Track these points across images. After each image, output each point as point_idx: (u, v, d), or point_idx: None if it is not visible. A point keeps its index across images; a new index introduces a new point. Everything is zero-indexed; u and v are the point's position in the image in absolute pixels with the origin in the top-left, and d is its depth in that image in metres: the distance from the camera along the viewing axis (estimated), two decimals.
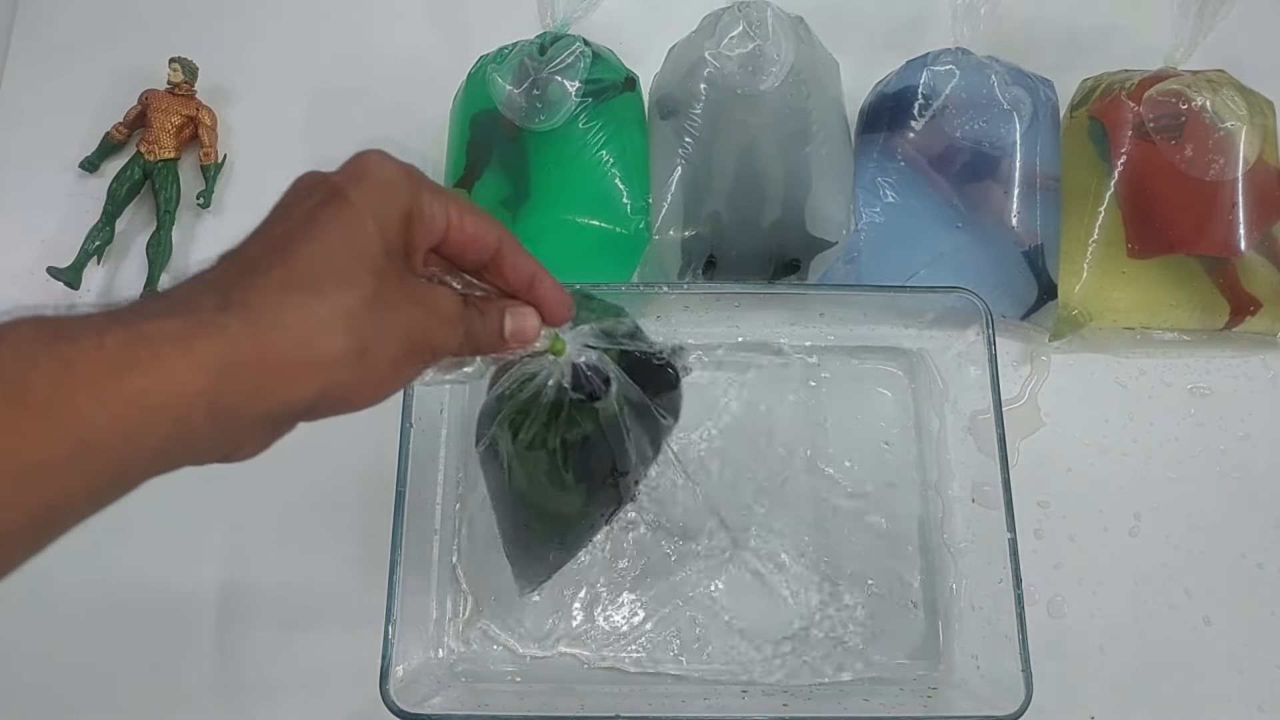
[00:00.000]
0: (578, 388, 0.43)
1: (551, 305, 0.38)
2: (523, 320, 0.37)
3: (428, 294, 0.32)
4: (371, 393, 0.31)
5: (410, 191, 0.32)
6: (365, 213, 0.30)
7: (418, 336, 0.31)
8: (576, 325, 0.42)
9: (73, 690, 0.57)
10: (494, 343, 0.36)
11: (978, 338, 0.57)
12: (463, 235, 0.34)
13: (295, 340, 0.28)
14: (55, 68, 0.72)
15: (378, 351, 0.30)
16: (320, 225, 0.30)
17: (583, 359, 0.42)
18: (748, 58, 0.59)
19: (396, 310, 0.30)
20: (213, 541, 0.60)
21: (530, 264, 0.36)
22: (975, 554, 0.57)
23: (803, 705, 0.55)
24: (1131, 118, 0.62)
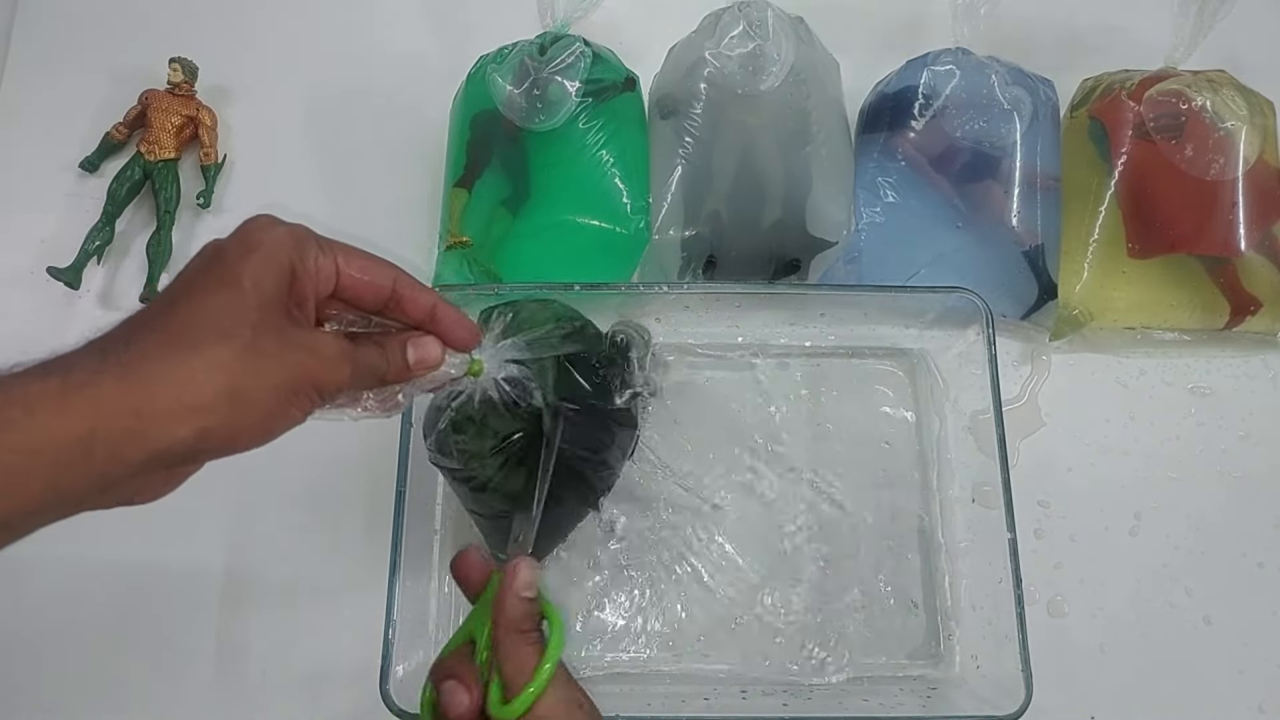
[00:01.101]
0: (505, 399, 0.45)
1: (455, 333, 0.41)
2: (424, 349, 0.40)
3: (307, 339, 0.35)
4: (256, 432, 0.34)
5: (292, 249, 0.35)
6: (242, 274, 0.33)
7: (297, 378, 0.34)
8: (519, 333, 0.46)
9: (73, 690, 0.57)
10: (400, 372, 0.39)
11: (978, 337, 0.57)
12: (353, 281, 0.37)
13: (168, 390, 0.31)
14: (55, 68, 0.72)
15: (253, 394, 0.33)
16: (200, 288, 0.34)
17: (502, 374, 0.45)
18: (748, 58, 0.59)
19: (271, 357, 0.33)
20: (214, 542, 0.60)
21: (428, 297, 0.40)
22: (975, 554, 0.57)
23: (803, 705, 0.55)
24: (1132, 117, 0.62)
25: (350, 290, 0.38)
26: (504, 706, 0.36)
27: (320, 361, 0.35)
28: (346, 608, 0.58)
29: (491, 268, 0.61)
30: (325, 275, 0.36)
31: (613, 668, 0.57)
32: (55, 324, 0.64)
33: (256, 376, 0.33)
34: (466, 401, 0.46)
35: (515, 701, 0.36)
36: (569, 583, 0.58)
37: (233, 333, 0.33)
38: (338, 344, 0.36)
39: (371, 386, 0.39)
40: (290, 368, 0.34)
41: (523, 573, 0.40)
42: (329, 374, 0.35)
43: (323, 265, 0.36)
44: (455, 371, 0.41)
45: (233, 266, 0.34)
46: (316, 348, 0.35)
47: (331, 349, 0.36)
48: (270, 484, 0.61)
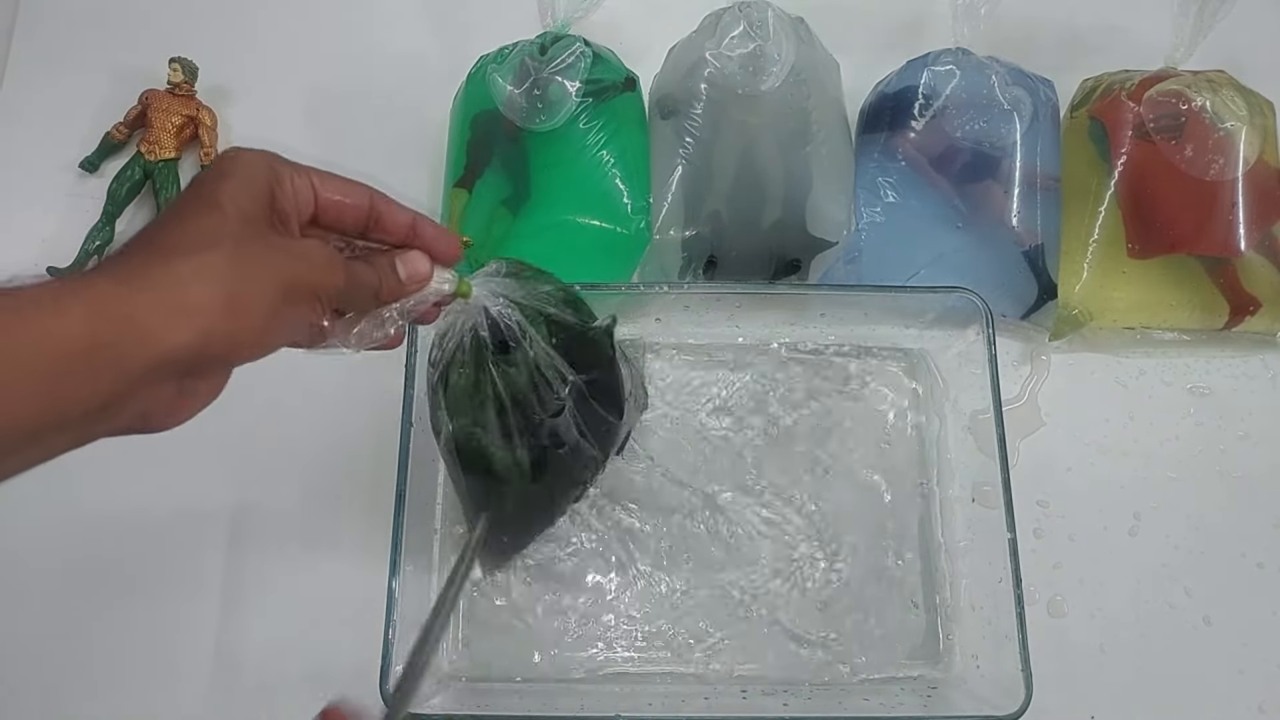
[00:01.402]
0: (496, 338, 0.46)
1: (437, 245, 0.41)
2: (413, 263, 0.40)
3: (295, 245, 0.36)
4: (256, 336, 0.33)
5: (267, 171, 0.36)
6: (222, 195, 0.34)
7: (290, 280, 0.34)
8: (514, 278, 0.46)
9: (73, 689, 0.57)
10: (393, 288, 0.40)
11: (978, 337, 0.57)
12: (331, 202, 0.38)
13: (163, 292, 0.31)
14: (55, 68, 0.72)
15: (248, 296, 0.33)
16: (181, 212, 0.34)
17: (496, 308, 0.45)
18: (748, 58, 0.59)
19: (260, 261, 0.33)
20: (214, 542, 0.60)
21: (406, 214, 0.40)
22: (975, 553, 0.57)
23: (803, 705, 0.55)
24: (1132, 118, 0.62)
25: (330, 212, 0.38)
26: None
27: (312, 265, 0.35)
28: (346, 608, 0.58)
29: None
30: (304, 196, 0.37)
31: (613, 668, 0.57)
32: None
33: (249, 278, 0.33)
34: (459, 342, 0.46)
35: None
36: (569, 583, 0.58)
37: (216, 244, 0.33)
38: (327, 249, 0.37)
39: (367, 305, 0.40)
40: (282, 269, 0.34)
41: None
42: (323, 276, 0.36)
43: (299, 186, 0.37)
44: (446, 288, 0.42)
45: (210, 191, 0.34)
46: (306, 252, 0.36)
47: (322, 253, 0.36)
48: (270, 484, 0.61)
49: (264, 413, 0.60)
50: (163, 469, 0.61)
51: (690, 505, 0.60)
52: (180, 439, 0.36)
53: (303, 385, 0.61)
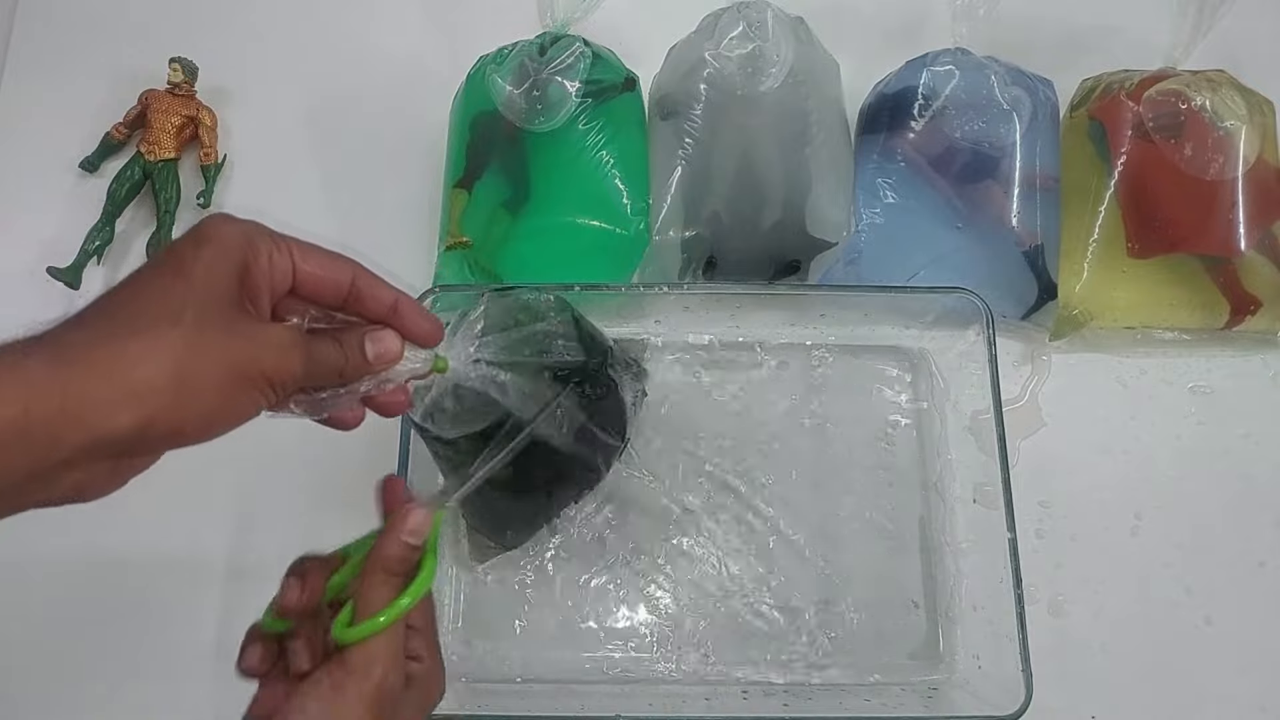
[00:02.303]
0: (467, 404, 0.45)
1: (417, 328, 0.40)
2: (382, 343, 0.39)
3: (257, 328, 0.35)
4: (203, 421, 0.33)
5: (245, 245, 0.35)
6: (192, 265, 0.33)
7: (245, 366, 0.33)
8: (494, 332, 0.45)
9: (74, 688, 0.57)
10: (358, 366, 0.39)
11: (978, 338, 0.57)
12: (310, 277, 0.37)
13: (108, 373, 0.31)
14: (55, 68, 0.72)
15: (199, 380, 0.32)
16: (147, 279, 0.34)
17: (477, 373, 0.44)
18: (747, 58, 0.59)
19: (218, 344, 0.33)
20: (214, 542, 0.60)
21: (389, 293, 0.39)
22: (976, 554, 0.57)
23: (803, 705, 0.55)
24: (1131, 117, 0.62)
25: (308, 286, 0.37)
26: (347, 629, 0.38)
27: (270, 350, 0.35)
28: None
29: (491, 268, 0.61)
30: (281, 271, 0.36)
31: (613, 668, 0.57)
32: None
33: (202, 361, 0.32)
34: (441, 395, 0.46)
35: (360, 626, 0.38)
36: (569, 584, 0.58)
37: (177, 317, 0.32)
38: (289, 334, 0.36)
39: (330, 382, 0.38)
40: (238, 354, 0.33)
41: (412, 518, 0.40)
42: (279, 363, 0.35)
43: (278, 261, 0.36)
44: (419, 367, 0.41)
45: (183, 258, 0.34)
46: (266, 336, 0.35)
47: (282, 338, 0.35)
48: (271, 484, 0.61)
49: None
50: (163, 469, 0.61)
51: (690, 506, 0.60)
52: None
53: None
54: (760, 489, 0.60)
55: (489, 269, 0.61)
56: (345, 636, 0.38)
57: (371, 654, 0.37)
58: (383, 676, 0.37)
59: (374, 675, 0.37)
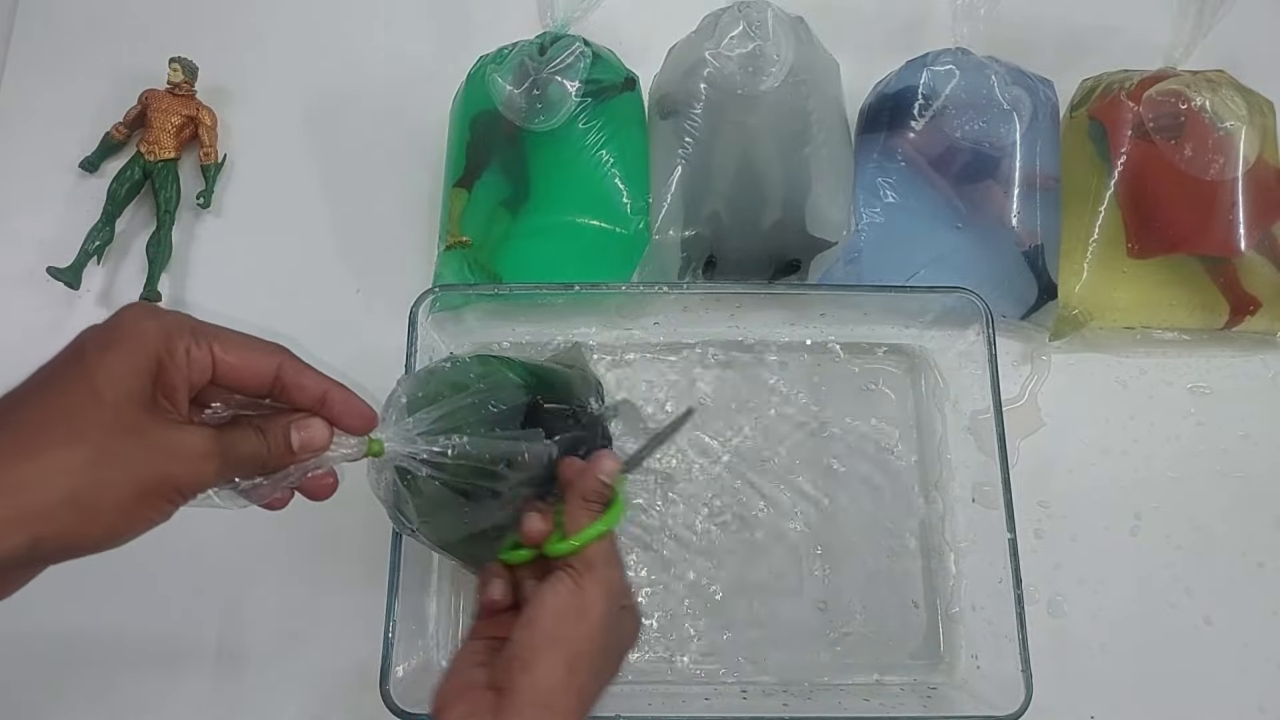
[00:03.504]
0: (409, 483, 0.44)
1: (347, 419, 0.39)
2: (309, 432, 0.38)
3: (169, 438, 0.34)
4: (103, 537, 0.32)
5: (159, 342, 0.34)
6: (97, 371, 0.33)
7: (151, 480, 0.33)
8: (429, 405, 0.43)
9: (74, 688, 0.57)
10: (283, 456, 0.38)
11: (978, 337, 0.57)
12: (231, 369, 0.36)
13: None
14: (55, 68, 0.72)
15: (98, 500, 0.31)
16: (52, 386, 0.33)
17: (420, 455, 0.42)
18: (748, 58, 0.59)
19: (122, 461, 0.32)
20: (215, 542, 0.60)
21: (318, 384, 0.38)
22: (976, 554, 0.57)
23: (803, 705, 0.55)
24: (1131, 117, 0.62)
25: (229, 378, 0.37)
26: (559, 543, 0.43)
27: (180, 461, 0.34)
28: (346, 608, 0.58)
29: (491, 268, 0.61)
30: (200, 366, 0.36)
31: None
32: (55, 324, 0.64)
33: (103, 483, 0.32)
34: (395, 487, 0.44)
35: (572, 539, 0.42)
36: None
37: (80, 435, 0.31)
38: (202, 439, 0.35)
39: (252, 474, 0.38)
40: (144, 469, 0.33)
41: (606, 461, 0.43)
42: (189, 473, 0.34)
43: (196, 356, 0.35)
44: (350, 453, 0.40)
45: (89, 363, 0.33)
46: (177, 446, 0.34)
47: (194, 446, 0.35)
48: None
49: None
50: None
51: (689, 506, 0.60)
52: None
53: None
54: (759, 489, 0.60)
55: (489, 268, 0.61)
56: (557, 549, 0.42)
57: (599, 554, 0.41)
58: (609, 573, 0.41)
59: (603, 571, 0.41)
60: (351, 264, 0.67)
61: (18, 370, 0.35)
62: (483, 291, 0.59)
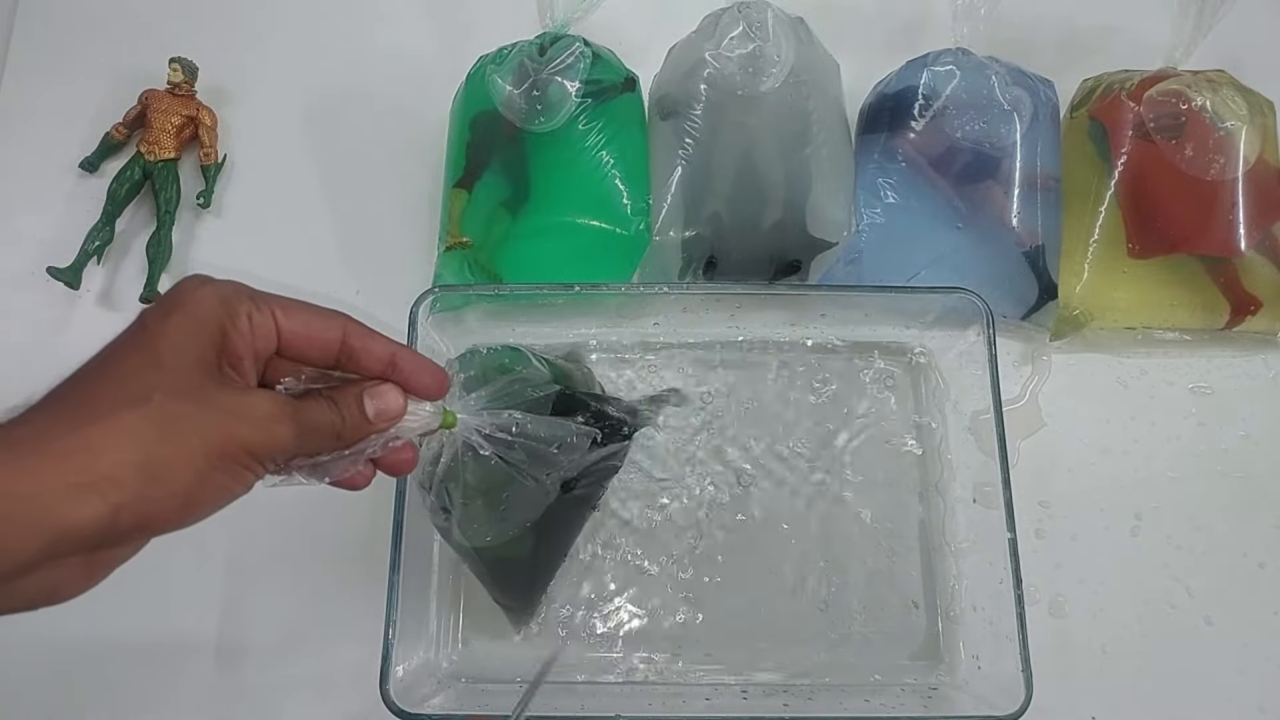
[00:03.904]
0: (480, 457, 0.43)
1: (419, 380, 0.38)
2: (383, 399, 0.37)
3: (235, 400, 0.32)
4: (180, 507, 0.31)
5: (219, 308, 0.33)
6: (159, 337, 0.31)
7: (224, 443, 0.31)
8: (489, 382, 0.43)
9: (74, 688, 0.57)
10: (359, 426, 0.36)
11: (978, 338, 0.57)
12: (296, 336, 0.35)
13: (66, 463, 0.28)
14: (55, 68, 0.72)
15: (169, 464, 0.30)
16: (114, 356, 0.32)
17: (485, 429, 0.42)
18: (748, 58, 0.59)
19: (191, 422, 0.31)
20: (215, 542, 0.60)
21: (385, 346, 0.37)
22: (976, 554, 0.57)
23: (803, 705, 0.55)
24: (1132, 118, 0.62)
25: (294, 347, 0.35)
26: None
27: (251, 423, 0.32)
28: (346, 608, 0.58)
29: (491, 268, 0.61)
30: (264, 333, 0.34)
31: (613, 668, 0.57)
32: (55, 324, 0.64)
33: (173, 444, 0.30)
34: (452, 463, 0.44)
35: None
36: (569, 585, 0.58)
37: (144, 398, 0.30)
38: (273, 403, 0.33)
39: (329, 447, 0.36)
40: (213, 432, 0.31)
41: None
42: (264, 436, 0.32)
43: (259, 322, 0.34)
44: (427, 422, 0.39)
45: (150, 331, 0.32)
46: (245, 409, 0.32)
47: (264, 408, 0.33)
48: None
49: None
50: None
51: (689, 507, 0.60)
52: None
53: None
54: (759, 489, 0.60)
55: (489, 269, 0.61)
56: None
57: None
58: None
59: None
60: (351, 264, 0.67)
61: (19, 370, 0.35)
62: (483, 292, 0.59)
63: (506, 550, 0.50)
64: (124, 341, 0.32)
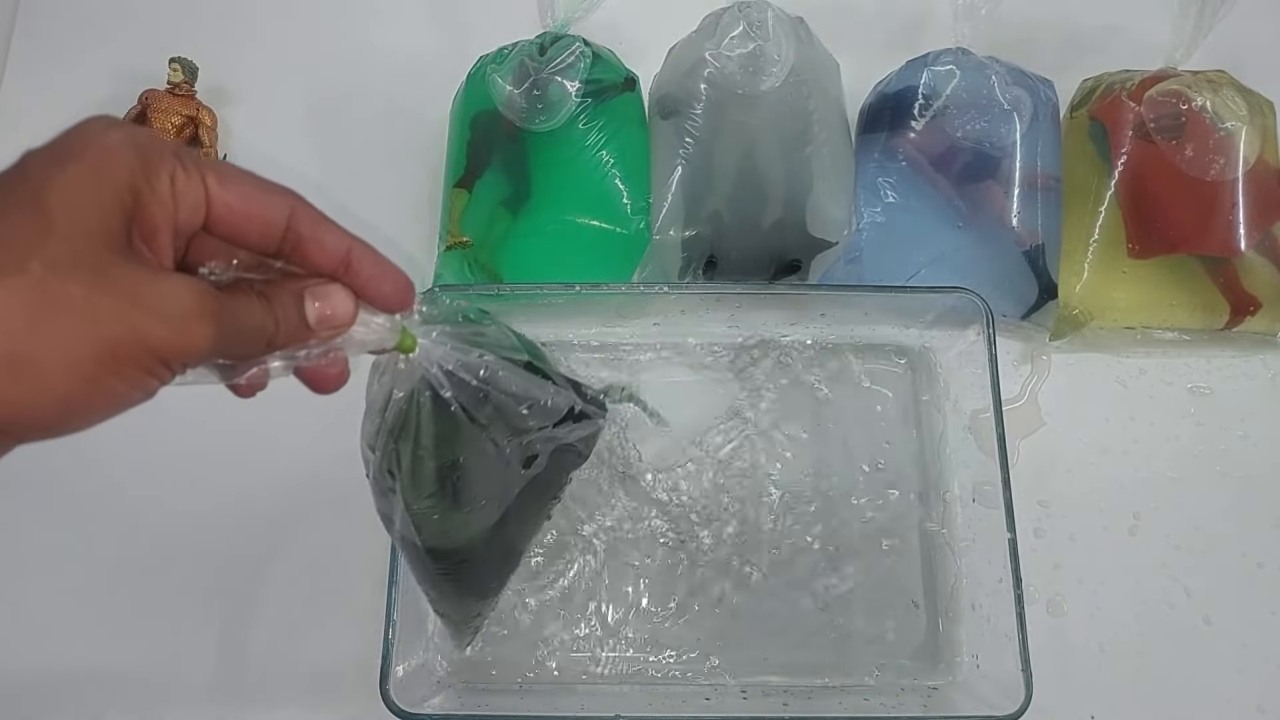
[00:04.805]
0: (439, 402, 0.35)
1: (379, 291, 0.31)
2: (329, 303, 0.30)
3: (144, 284, 0.25)
4: (56, 409, 0.24)
5: (134, 162, 0.26)
6: (47, 191, 0.24)
7: (120, 341, 0.24)
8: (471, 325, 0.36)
9: (73, 688, 0.57)
10: (296, 332, 0.29)
11: (978, 337, 0.57)
12: (230, 212, 0.28)
13: None
14: (55, 68, 0.72)
15: (44, 357, 0.23)
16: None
17: (448, 365, 0.35)
18: (748, 58, 0.59)
19: (79, 310, 0.24)
20: (214, 542, 0.60)
21: (340, 240, 0.30)
22: (975, 553, 0.57)
23: (803, 705, 0.55)
24: (1132, 118, 0.62)
25: (227, 224, 0.28)
26: None
27: (160, 319, 0.25)
28: (346, 608, 0.58)
29: (491, 268, 0.61)
30: (190, 202, 0.27)
31: (613, 668, 0.57)
32: None
33: (48, 335, 0.23)
34: (386, 405, 0.36)
35: None
36: (571, 586, 0.58)
37: (15, 266, 0.23)
38: (193, 295, 0.26)
39: (255, 353, 0.29)
40: (109, 324, 0.24)
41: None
42: (173, 337, 0.25)
43: (185, 188, 0.27)
44: (377, 340, 0.32)
45: (34, 180, 0.25)
46: (156, 299, 0.25)
47: (181, 301, 0.26)
48: (269, 483, 0.61)
49: (262, 413, 0.60)
50: (161, 471, 0.61)
51: (688, 507, 0.60)
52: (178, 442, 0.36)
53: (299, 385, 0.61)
54: (759, 489, 0.60)
55: (489, 268, 0.61)
56: None
57: None
58: None
59: None
60: None
61: None
62: (483, 291, 0.59)
63: (455, 536, 0.41)
64: (1, 186, 0.25)
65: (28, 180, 0.25)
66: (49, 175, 0.25)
